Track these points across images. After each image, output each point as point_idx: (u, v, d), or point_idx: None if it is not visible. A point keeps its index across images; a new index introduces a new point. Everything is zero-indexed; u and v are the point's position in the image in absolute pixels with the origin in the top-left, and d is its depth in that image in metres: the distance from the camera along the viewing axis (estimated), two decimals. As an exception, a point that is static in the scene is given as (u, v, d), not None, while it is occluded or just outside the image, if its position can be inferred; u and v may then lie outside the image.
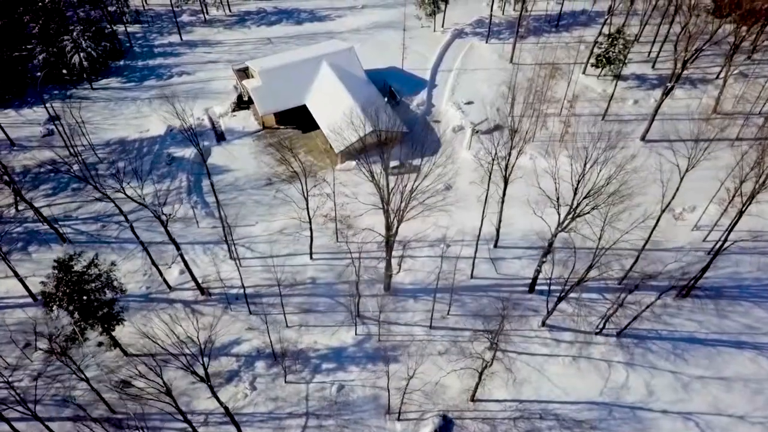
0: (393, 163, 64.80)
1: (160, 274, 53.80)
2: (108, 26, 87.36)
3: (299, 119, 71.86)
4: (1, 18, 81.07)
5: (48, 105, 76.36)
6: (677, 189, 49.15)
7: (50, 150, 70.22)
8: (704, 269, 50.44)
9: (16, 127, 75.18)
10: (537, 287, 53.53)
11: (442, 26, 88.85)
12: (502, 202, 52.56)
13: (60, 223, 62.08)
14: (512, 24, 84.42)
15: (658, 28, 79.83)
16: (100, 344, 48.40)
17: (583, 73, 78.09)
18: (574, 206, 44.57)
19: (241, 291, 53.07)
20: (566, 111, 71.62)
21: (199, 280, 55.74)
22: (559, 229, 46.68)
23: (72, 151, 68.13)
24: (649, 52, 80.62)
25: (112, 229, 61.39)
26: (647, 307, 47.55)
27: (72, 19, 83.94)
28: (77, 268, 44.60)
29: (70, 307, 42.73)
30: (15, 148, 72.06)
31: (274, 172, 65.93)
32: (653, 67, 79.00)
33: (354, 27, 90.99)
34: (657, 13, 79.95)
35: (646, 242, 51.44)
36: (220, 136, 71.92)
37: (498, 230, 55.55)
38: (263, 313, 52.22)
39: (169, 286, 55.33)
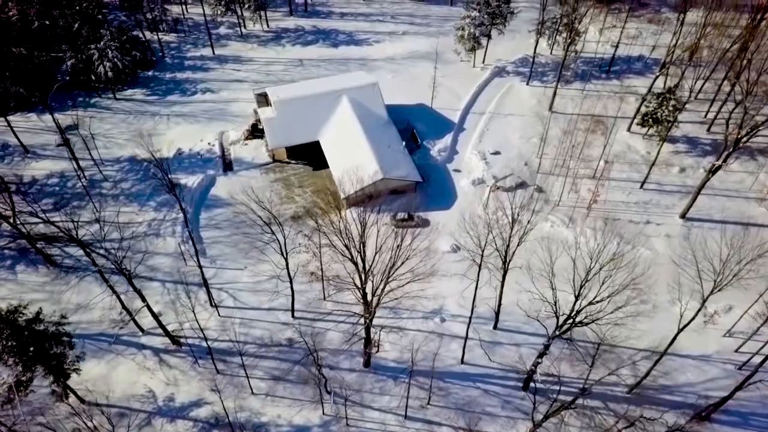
0: (400, 215, 60.29)
1: (132, 318, 50.81)
2: (142, 35, 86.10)
3: (311, 155, 67.78)
4: (39, 20, 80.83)
5: (69, 112, 75.72)
6: (705, 299, 42.06)
7: (60, 162, 69.37)
8: (731, 394, 43.12)
9: (35, 132, 74.40)
10: (532, 384, 47.48)
11: (483, 62, 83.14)
12: (502, 285, 46.88)
13: (54, 243, 60.40)
14: (559, 65, 77.85)
15: (719, 86, 71.57)
16: (53, 392, 45.75)
17: (628, 130, 70.81)
18: (572, 314, 38.69)
19: (213, 344, 49.76)
20: (600, 173, 64.65)
21: (175, 326, 52.70)
22: (556, 333, 40.78)
23: (77, 164, 66.53)
24: (706, 113, 72.45)
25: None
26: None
27: (104, 26, 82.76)
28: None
29: (11, 361, 40.16)
30: (29, 155, 71.18)
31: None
32: (709, 130, 70.82)
33: (390, 55, 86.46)
34: (721, 67, 71.54)
35: (667, 349, 44.61)
36: (228, 166, 68.58)
37: (497, 313, 49.80)
38: (231, 373, 48.73)
39: (141, 330, 52.43)
